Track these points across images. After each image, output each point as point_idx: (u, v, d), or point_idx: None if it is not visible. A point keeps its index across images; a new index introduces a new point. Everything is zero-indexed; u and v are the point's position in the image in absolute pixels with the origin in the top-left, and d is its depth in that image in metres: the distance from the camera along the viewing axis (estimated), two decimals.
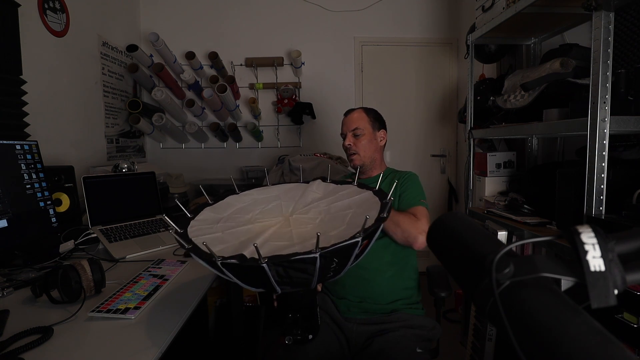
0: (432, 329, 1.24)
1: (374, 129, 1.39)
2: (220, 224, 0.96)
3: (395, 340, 1.12)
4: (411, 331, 1.17)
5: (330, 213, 0.96)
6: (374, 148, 1.39)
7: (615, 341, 0.27)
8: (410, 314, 1.23)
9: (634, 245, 0.32)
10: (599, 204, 1.17)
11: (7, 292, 0.99)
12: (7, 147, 1.21)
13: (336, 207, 0.98)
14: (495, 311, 0.32)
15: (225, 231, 0.91)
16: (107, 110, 2.44)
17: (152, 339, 0.77)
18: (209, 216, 1.01)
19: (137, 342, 0.76)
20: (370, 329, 1.19)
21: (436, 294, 1.27)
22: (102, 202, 1.51)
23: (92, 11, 2.27)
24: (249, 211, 1.04)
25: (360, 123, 1.37)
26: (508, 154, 2.00)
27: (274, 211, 1.03)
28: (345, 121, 1.41)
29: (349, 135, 1.37)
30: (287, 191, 1.14)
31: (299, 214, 0.99)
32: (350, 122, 1.38)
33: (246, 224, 0.96)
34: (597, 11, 1.12)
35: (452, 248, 0.43)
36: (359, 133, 1.36)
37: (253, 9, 3.00)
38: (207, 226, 0.95)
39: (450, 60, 3.15)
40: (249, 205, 1.08)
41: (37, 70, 1.77)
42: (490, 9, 1.77)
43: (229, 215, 1.01)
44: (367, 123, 1.38)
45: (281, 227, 0.93)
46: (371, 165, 1.39)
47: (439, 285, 1.29)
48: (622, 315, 0.93)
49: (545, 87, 1.51)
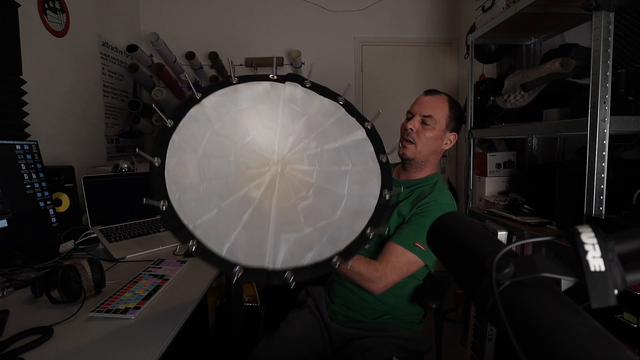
0: (419, 343, 1.14)
1: (446, 128, 1.17)
2: (205, 185, 0.73)
3: (371, 345, 1.06)
4: (392, 340, 1.10)
5: (324, 167, 0.85)
6: (435, 148, 1.18)
7: (615, 341, 0.27)
8: (397, 325, 1.14)
9: (634, 245, 0.32)
10: (599, 204, 1.17)
11: (7, 292, 0.99)
12: (7, 147, 1.21)
13: (329, 159, 0.86)
14: (495, 311, 0.32)
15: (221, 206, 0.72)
16: (107, 110, 2.43)
17: (152, 339, 0.77)
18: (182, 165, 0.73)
19: (137, 342, 0.76)
20: (353, 332, 1.14)
21: (425, 304, 1.09)
22: (102, 202, 1.51)
23: (92, 11, 2.27)
24: (225, 150, 0.79)
25: (437, 113, 1.15)
26: (508, 154, 2.00)
27: (256, 153, 0.83)
28: (421, 101, 1.19)
29: (417, 119, 1.16)
30: (261, 101, 0.86)
31: (291, 165, 0.84)
32: (427, 105, 1.16)
33: (233, 184, 0.77)
34: (597, 11, 1.12)
35: (452, 248, 0.43)
36: (430, 123, 1.15)
37: (253, 9, 3.00)
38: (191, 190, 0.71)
39: (450, 60, 3.15)
40: (221, 132, 0.80)
41: (37, 70, 1.77)
42: (490, 9, 1.77)
43: (207, 162, 0.76)
44: (444, 117, 1.16)
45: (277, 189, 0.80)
46: (422, 165, 1.20)
47: (431, 295, 1.12)
48: (622, 315, 0.93)
49: (545, 87, 1.51)
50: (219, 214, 0.71)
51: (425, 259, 1.06)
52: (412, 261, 1.04)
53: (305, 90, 0.90)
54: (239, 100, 0.83)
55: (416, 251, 1.04)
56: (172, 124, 0.74)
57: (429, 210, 1.09)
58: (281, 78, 0.88)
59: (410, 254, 1.04)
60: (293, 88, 0.89)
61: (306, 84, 0.90)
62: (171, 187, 0.68)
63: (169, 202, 0.66)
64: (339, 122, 0.90)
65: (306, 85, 0.90)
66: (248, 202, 0.76)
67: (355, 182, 0.85)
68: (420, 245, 1.04)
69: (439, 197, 1.12)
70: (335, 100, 0.91)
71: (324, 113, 0.90)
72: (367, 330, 1.13)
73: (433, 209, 1.08)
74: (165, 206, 0.65)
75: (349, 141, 0.89)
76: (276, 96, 0.87)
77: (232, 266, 0.64)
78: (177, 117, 0.75)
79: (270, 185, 0.81)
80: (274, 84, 0.88)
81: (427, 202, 1.10)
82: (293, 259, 0.69)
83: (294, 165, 0.86)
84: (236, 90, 0.84)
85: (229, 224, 0.71)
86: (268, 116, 0.86)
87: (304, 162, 0.86)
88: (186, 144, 0.75)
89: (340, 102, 0.91)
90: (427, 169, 1.21)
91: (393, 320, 1.14)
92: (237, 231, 0.70)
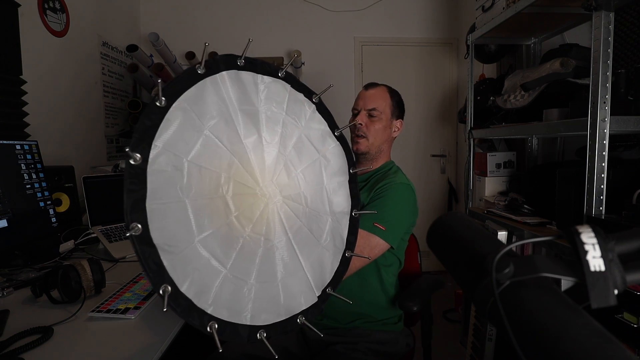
0: (394, 345, 1.13)
1: (392, 116, 1.21)
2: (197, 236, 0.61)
3: (344, 351, 1.06)
4: (366, 345, 1.09)
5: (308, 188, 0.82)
6: (386, 137, 1.21)
7: (615, 341, 0.27)
8: (370, 329, 1.13)
9: (634, 245, 0.32)
10: (599, 204, 1.17)
11: (7, 292, 0.99)
12: (7, 147, 1.21)
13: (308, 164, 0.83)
14: (495, 311, 0.32)
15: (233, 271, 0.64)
16: (107, 110, 2.43)
17: (152, 339, 0.77)
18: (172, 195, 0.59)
19: (137, 342, 0.76)
20: (329, 338, 1.13)
21: (406, 306, 1.08)
22: (102, 202, 1.51)
23: (92, 11, 2.27)
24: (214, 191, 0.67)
25: (379, 104, 1.18)
26: (508, 154, 2.00)
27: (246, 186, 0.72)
28: (363, 95, 1.21)
29: (363, 114, 1.18)
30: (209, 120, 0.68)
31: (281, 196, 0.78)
32: (370, 99, 1.19)
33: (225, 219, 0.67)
34: (597, 11, 1.12)
35: (452, 248, 0.43)
36: (376, 115, 1.18)
37: (253, 9, 3.00)
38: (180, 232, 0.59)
39: (450, 60, 3.15)
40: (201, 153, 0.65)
41: (37, 70, 1.77)
42: (490, 9, 1.77)
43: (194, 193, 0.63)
44: (387, 106, 1.20)
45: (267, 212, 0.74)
46: (376, 156, 1.22)
47: (413, 296, 1.11)
48: (622, 315, 0.93)
49: (545, 87, 1.51)
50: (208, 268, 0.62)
51: (388, 239, 1.04)
52: (373, 244, 1.02)
53: (245, 74, 0.76)
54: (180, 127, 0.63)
55: (376, 232, 1.02)
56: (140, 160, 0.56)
57: (386, 190, 1.10)
58: (210, 67, 0.69)
59: (371, 236, 1.02)
60: (232, 78, 0.73)
61: (240, 62, 0.76)
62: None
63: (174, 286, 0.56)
64: (291, 103, 0.81)
65: (240, 64, 0.76)
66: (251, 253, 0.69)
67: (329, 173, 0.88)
68: (380, 226, 1.02)
69: (394, 179, 1.13)
70: (277, 76, 0.81)
71: (274, 100, 0.79)
72: (341, 336, 1.12)
73: (390, 189, 1.10)
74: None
75: (306, 124, 0.84)
76: (221, 100, 0.70)
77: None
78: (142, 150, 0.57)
79: (268, 226, 0.74)
80: (209, 81, 0.68)
81: (382, 185, 1.11)
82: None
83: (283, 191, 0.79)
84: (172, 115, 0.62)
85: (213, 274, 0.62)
86: (229, 134, 0.71)
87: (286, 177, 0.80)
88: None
89: (281, 75, 0.81)
90: (381, 159, 1.24)
91: (367, 324, 1.14)
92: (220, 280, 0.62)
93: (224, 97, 0.71)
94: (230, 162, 0.70)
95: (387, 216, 1.05)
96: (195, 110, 0.65)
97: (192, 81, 0.66)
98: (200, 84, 0.67)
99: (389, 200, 1.08)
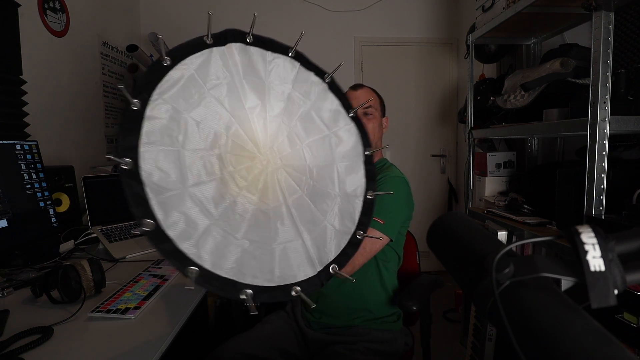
0: (393, 344, 1.14)
1: (381, 114, 1.25)
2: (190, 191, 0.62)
3: (343, 351, 1.07)
4: (364, 344, 1.10)
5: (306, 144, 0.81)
6: (380, 134, 1.24)
7: (615, 341, 0.27)
8: (369, 328, 1.14)
9: (634, 245, 0.32)
10: (599, 204, 1.17)
11: (7, 292, 0.99)
12: (7, 147, 1.21)
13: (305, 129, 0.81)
14: (495, 311, 0.32)
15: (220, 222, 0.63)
16: (107, 110, 2.43)
17: (152, 339, 0.77)
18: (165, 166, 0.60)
19: (137, 342, 0.76)
20: (327, 337, 1.15)
21: (405, 305, 1.08)
22: (102, 202, 1.51)
23: (92, 11, 2.27)
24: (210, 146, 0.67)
25: (372, 102, 1.19)
26: (508, 154, 2.00)
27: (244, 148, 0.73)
28: (354, 95, 1.20)
29: (360, 113, 1.12)
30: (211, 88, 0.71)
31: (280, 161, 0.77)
32: (362, 98, 1.18)
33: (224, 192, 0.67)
34: (597, 11, 1.12)
35: (452, 248, 0.43)
36: (371, 113, 1.18)
37: (253, 9, 2.99)
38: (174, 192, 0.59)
39: (450, 60, 3.15)
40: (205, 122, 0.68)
41: (37, 70, 1.77)
42: (490, 9, 1.77)
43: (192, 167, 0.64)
44: (377, 105, 1.22)
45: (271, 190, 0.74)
46: (374, 153, 1.26)
47: (411, 296, 1.11)
48: (622, 315, 0.93)
49: (545, 87, 1.51)
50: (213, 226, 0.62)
51: (387, 232, 1.05)
52: (374, 240, 1.01)
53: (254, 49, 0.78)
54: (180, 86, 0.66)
55: (376, 225, 1.01)
56: (139, 105, 0.58)
57: (382, 184, 1.12)
58: (218, 39, 0.72)
59: (371, 230, 0.99)
60: (240, 51, 0.75)
61: (249, 39, 0.77)
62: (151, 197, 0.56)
63: (156, 222, 0.56)
64: (300, 81, 0.82)
65: (249, 40, 0.77)
66: (243, 210, 0.68)
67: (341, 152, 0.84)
68: (378, 220, 0.98)
69: (388, 173, 1.17)
70: (287, 54, 0.82)
71: (281, 76, 0.80)
72: (340, 335, 1.14)
73: (385, 183, 1.12)
74: (151, 227, 0.55)
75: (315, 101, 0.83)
76: (227, 68, 0.72)
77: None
78: (143, 99, 0.59)
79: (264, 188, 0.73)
80: (216, 50, 0.71)
81: (378, 179, 1.12)
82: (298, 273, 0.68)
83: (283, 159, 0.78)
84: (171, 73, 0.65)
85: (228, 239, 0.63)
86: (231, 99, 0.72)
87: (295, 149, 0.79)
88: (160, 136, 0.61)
89: (291, 55, 0.82)
90: (377, 155, 1.26)
91: (365, 323, 1.15)
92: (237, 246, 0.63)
93: (229, 66, 0.72)
94: (230, 124, 0.71)
95: (384, 209, 1.03)
96: (199, 74, 0.68)
97: (199, 48, 0.68)
98: (206, 51, 0.69)
99: (385, 197, 1.04)
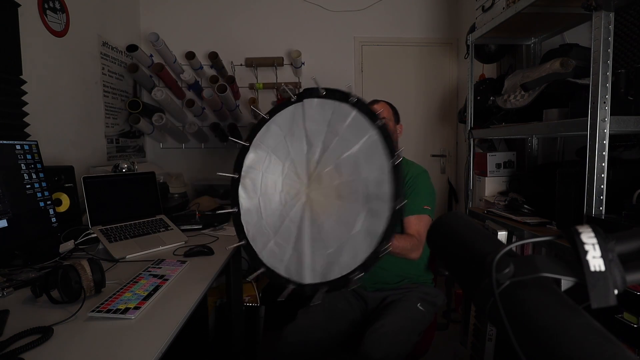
0: (435, 296, 1.45)
1: (395, 122, 1.49)
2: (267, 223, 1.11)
3: (400, 297, 1.37)
4: (415, 294, 1.39)
5: (342, 178, 1.04)
6: (396, 140, 1.44)
7: (615, 341, 0.27)
8: (416, 283, 1.44)
9: (634, 245, 0.32)
10: (599, 204, 1.17)
11: (7, 292, 0.99)
12: (7, 147, 1.21)
13: (347, 170, 1.03)
14: (495, 311, 0.32)
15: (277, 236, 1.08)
16: (107, 110, 2.43)
17: (152, 339, 0.77)
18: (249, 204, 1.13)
19: (137, 342, 0.76)
20: (383, 293, 1.43)
21: (439, 271, 1.51)
22: (102, 202, 1.51)
23: (92, 11, 2.27)
24: (273, 184, 1.14)
25: (386, 114, 1.44)
26: (508, 154, 2.00)
27: (291, 179, 1.12)
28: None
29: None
30: (290, 127, 1.14)
31: (316, 186, 1.08)
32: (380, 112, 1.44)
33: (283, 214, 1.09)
34: (597, 11, 1.12)
35: (452, 248, 0.43)
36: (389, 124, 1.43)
37: (253, 9, 3.00)
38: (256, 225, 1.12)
39: (450, 60, 3.15)
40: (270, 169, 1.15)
41: (37, 70, 1.77)
42: (490, 9, 1.77)
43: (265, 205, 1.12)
44: (391, 115, 1.48)
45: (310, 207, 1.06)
46: None
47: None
48: (622, 315, 0.93)
49: (545, 87, 1.51)
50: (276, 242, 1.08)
51: (432, 215, 1.37)
52: (428, 222, 1.32)
53: (320, 100, 1.08)
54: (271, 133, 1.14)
55: (428, 212, 1.36)
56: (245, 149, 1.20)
57: (416, 180, 1.41)
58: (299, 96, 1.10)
59: (425, 216, 1.35)
60: (310, 103, 1.10)
61: (321, 92, 1.07)
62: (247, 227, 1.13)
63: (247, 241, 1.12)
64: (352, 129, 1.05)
65: (322, 94, 1.07)
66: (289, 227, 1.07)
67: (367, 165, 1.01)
68: (427, 207, 1.36)
69: (415, 170, 1.46)
70: (347, 101, 1.05)
71: (339, 117, 1.06)
72: (394, 290, 1.43)
73: (419, 178, 1.42)
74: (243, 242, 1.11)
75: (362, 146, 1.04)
76: (299, 117, 1.12)
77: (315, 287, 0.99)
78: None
79: (305, 209, 1.06)
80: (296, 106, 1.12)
81: (410, 178, 1.41)
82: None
83: (317, 189, 1.07)
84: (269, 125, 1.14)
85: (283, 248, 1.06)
86: (293, 141, 1.11)
87: (323, 180, 1.06)
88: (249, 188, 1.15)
89: (350, 102, 1.04)
90: None
91: (412, 282, 1.45)
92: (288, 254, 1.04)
93: (300, 113, 1.12)
94: (287, 156, 1.14)
95: (427, 198, 1.38)
96: (277, 123, 1.14)
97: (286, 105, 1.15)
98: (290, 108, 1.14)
99: (423, 187, 1.40)
